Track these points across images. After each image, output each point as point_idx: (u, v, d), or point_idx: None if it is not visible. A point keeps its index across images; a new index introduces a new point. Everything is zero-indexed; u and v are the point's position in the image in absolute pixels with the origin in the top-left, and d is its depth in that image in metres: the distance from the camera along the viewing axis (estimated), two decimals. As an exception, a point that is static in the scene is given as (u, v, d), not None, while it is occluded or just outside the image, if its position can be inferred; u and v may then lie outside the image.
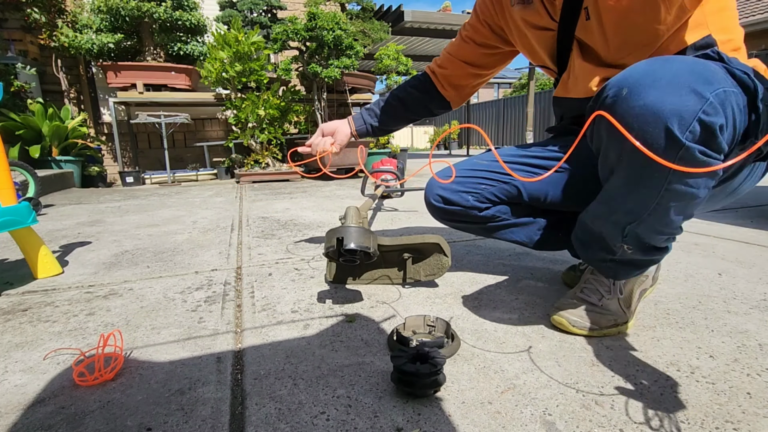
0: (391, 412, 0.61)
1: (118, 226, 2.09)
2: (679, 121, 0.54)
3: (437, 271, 1.11)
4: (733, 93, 0.57)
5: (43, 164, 3.96)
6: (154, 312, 1.00)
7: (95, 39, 4.11)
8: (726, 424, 0.57)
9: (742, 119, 0.59)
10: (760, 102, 0.59)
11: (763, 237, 1.58)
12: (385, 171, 2.22)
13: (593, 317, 0.83)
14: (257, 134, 4.23)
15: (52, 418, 0.61)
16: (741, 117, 0.59)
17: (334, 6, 5.39)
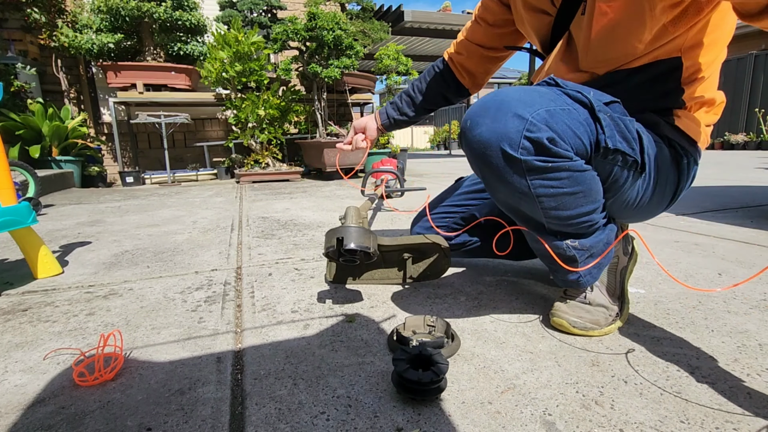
0: (391, 412, 0.61)
1: (118, 226, 2.09)
2: (510, 142, 0.65)
3: (437, 271, 1.11)
4: (560, 110, 0.66)
5: (43, 164, 3.96)
6: (154, 312, 1.00)
7: (95, 39, 4.11)
8: (726, 424, 0.57)
9: (584, 129, 0.68)
10: (599, 113, 0.68)
11: (763, 237, 1.58)
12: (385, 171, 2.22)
13: (591, 317, 0.83)
14: (257, 134, 4.23)
15: (52, 418, 0.61)
16: (582, 128, 0.68)
17: (334, 6, 5.39)
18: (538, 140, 0.63)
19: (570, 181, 0.69)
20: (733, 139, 9.04)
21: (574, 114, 0.67)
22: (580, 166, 0.69)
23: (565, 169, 0.67)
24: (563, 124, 0.65)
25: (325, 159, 4.20)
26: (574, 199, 0.72)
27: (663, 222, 1.87)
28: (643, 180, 0.78)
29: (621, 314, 0.85)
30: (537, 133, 0.63)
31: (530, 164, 0.65)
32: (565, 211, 0.74)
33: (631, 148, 0.72)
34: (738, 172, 4.23)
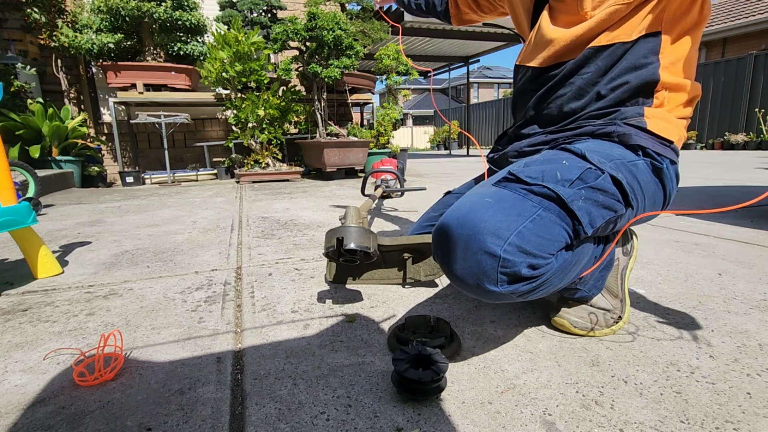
0: (391, 412, 0.61)
1: (118, 226, 2.09)
2: (488, 281, 0.61)
3: (437, 271, 1.11)
4: (530, 225, 0.61)
5: (43, 164, 3.96)
6: (154, 312, 1.00)
7: (95, 39, 4.11)
8: (726, 424, 0.57)
9: (560, 228, 0.63)
10: (571, 205, 0.63)
11: (763, 237, 1.58)
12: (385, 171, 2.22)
13: (593, 317, 0.83)
14: (257, 134, 4.23)
15: (52, 418, 0.61)
16: (558, 228, 0.63)
17: (334, 6, 5.39)
18: (515, 273, 0.60)
19: (557, 276, 0.66)
20: (733, 139, 9.04)
21: (545, 218, 0.62)
22: (563, 260, 0.65)
23: (551, 276, 0.64)
24: (537, 238, 0.60)
25: (325, 159, 4.20)
26: (566, 279, 0.70)
27: (663, 222, 1.87)
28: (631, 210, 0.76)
29: (623, 316, 0.85)
30: (513, 267, 0.59)
31: (514, 291, 0.62)
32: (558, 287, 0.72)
33: (614, 210, 0.69)
34: (738, 172, 4.23)
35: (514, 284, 0.61)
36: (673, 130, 0.79)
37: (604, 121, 0.80)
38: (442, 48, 8.75)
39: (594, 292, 0.85)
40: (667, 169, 0.79)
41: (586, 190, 0.66)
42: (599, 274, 0.84)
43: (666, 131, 0.78)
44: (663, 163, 0.78)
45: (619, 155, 0.75)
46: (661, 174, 0.79)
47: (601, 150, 0.74)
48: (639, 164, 0.76)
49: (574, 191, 0.65)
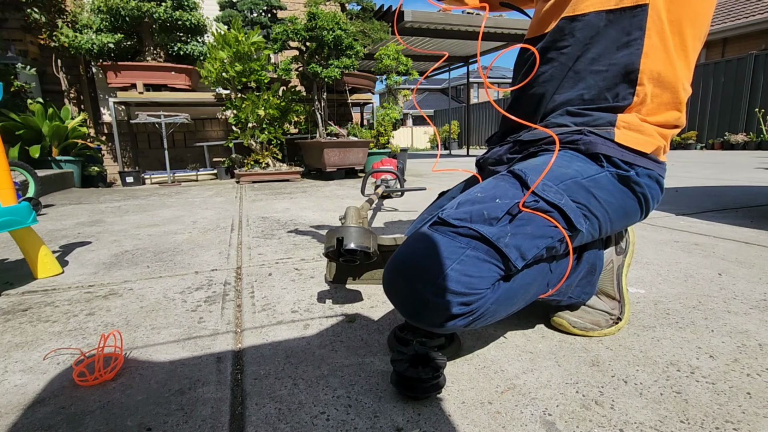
0: (391, 412, 0.61)
1: (118, 226, 2.09)
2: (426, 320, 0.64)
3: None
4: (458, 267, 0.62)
5: (43, 164, 3.96)
6: (154, 312, 1.00)
7: (95, 39, 4.11)
8: (726, 424, 0.57)
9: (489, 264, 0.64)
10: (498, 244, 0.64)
11: (763, 237, 1.58)
12: (385, 171, 2.22)
13: (592, 318, 0.83)
14: (257, 134, 4.23)
15: (52, 418, 0.61)
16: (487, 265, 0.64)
17: (334, 6, 5.39)
18: (447, 312, 0.62)
19: (500, 304, 0.66)
20: (733, 139, 9.04)
21: (472, 257, 0.64)
22: (502, 290, 0.66)
23: (489, 306, 0.65)
24: (465, 277, 0.62)
25: (325, 159, 4.20)
26: (515, 304, 0.70)
27: (663, 222, 1.87)
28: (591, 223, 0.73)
29: (622, 317, 0.85)
30: (445, 308, 0.62)
31: (453, 327, 0.64)
32: (516, 310, 0.72)
33: (549, 237, 0.68)
34: (738, 172, 4.23)
35: (451, 321, 0.63)
36: (647, 141, 0.73)
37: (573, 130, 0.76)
38: (442, 48, 8.75)
39: (584, 297, 0.83)
40: (637, 175, 0.74)
41: (512, 226, 0.66)
42: (585, 280, 0.82)
43: (638, 143, 0.73)
44: (630, 171, 0.73)
45: (575, 173, 0.71)
46: (629, 182, 0.74)
47: (554, 168, 0.71)
48: (600, 178, 0.73)
49: (499, 229, 0.65)
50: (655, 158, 0.76)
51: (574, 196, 0.69)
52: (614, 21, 0.72)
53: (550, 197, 0.67)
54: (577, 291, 0.82)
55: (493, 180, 0.75)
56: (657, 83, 0.72)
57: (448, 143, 15.86)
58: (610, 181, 0.73)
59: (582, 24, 0.74)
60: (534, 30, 0.85)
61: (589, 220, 0.71)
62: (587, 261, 0.81)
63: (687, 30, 0.70)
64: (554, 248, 0.69)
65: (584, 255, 0.81)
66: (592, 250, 0.82)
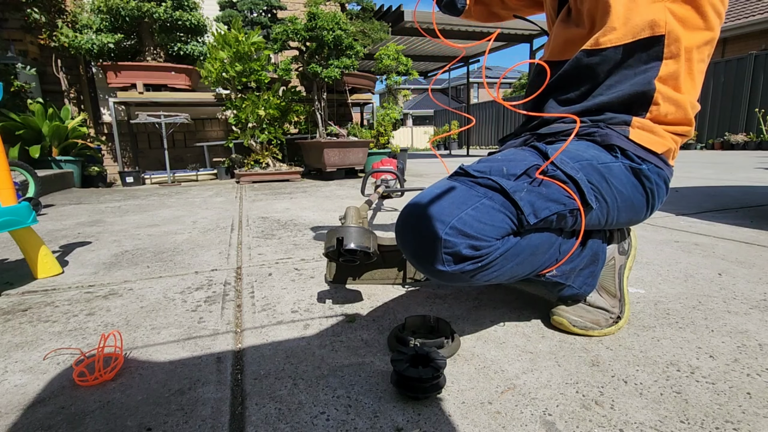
0: (391, 412, 0.61)
1: (118, 226, 2.09)
2: (435, 260, 0.67)
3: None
4: (472, 211, 0.67)
5: (43, 164, 3.96)
6: (154, 312, 1.00)
7: (95, 39, 4.11)
8: (726, 424, 0.57)
9: (503, 214, 0.68)
10: (513, 195, 0.68)
11: (763, 237, 1.58)
12: (385, 171, 2.22)
13: (592, 317, 0.83)
14: (257, 134, 4.23)
15: (52, 418, 0.61)
16: (500, 214, 0.68)
17: (334, 6, 5.38)
18: (457, 252, 0.66)
19: (507, 259, 0.70)
20: (733, 139, 9.04)
21: (488, 205, 0.68)
22: (511, 244, 0.69)
23: (497, 257, 0.68)
24: (478, 223, 0.66)
25: (325, 159, 4.20)
26: (522, 265, 0.73)
27: (663, 222, 1.87)
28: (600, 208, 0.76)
29: (622, 316, 0.85)
30: (454, 248, 0.65)
31: (462, 270, 0.67)
32: (521, 274, 0.75)
33: (561, 204, 0.71)
34: (738, 172, 4.23)
35: (459, 264, 0.67)
36: (658, 142, 0.78)
37: (590, 124, 0.80)
38: (442, 48, 8.75)
39: (586, 289, 0.85)
40: (649, 171, 0.78)
41: (529, 184, 0.71)
42: (587, 270, 0.84)
43: (650, 142, 0.77)
44: (642, 165, 0.77)
45: (591, 156, 0.76)
46: (640, 176, 0.78)
47: (571, 150, 0.76)
48: (613, 167, 0.76)
49: (516, 183, 0.70)
50: (665, 159, 0.81)
51: (588, 177, 0.74)
52: (632, 53, 0.76)
53: (568, 170, 0.72)
54: (579, 280, 0.83)
55: (514, 149, 0.80)
56: (671, 102, 0.77)
57: (448, 143, 15.86)
58: (622, 172, 0.77)
59: (600, 58, 0.78)
60: (553, 53, 0.88)
61: (599, 202, 0.76)
62: (591, 248, 0.84)
63: (695, 55, 0.76)
64: (565, 218, 0.73)
65: (588, 242, 0.84)
66: (596, 239, 0.86)
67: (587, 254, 0.84)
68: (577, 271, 0.83)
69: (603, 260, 0.87)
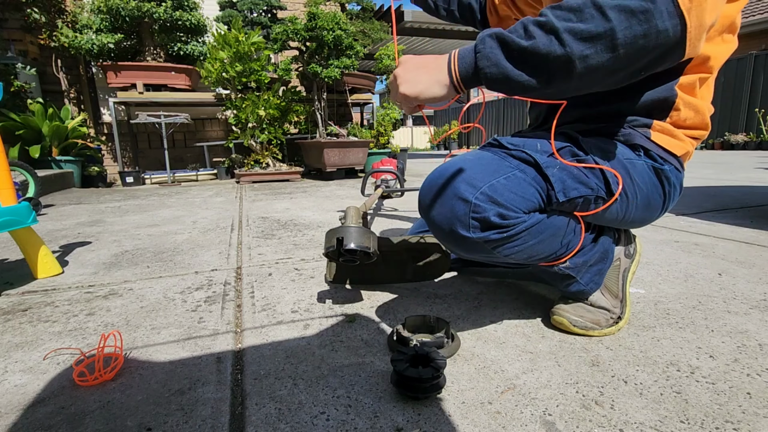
0: (391, 412, 0.61)
1: (118, 226, 2.09)
2: (461, 225, 0.67)
3: (437, 271, 1.11)
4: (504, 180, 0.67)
5: (43, 164, 3.96)
6: (154, 312, 1.00)
7: (95, 39, 4.10)
8: (726, 424, 0.57)
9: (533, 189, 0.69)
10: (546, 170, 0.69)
11: (763, 237, 1.58)
12: (385, 171, 2.22)
13: (592, 317, 0.83)
14: (257, 134, 4.23)
15: (52, 418, 0.61)
16: (531, 188, 0.69)
17: (334, 6, 5.38)
18: (485, 219, 0.65)
19: (531, 235, 0.70)
20: (733, 139, 9.03)
21: (520, 177, 0.68)
22: (536, 220, 0.70)
23: (522, 230, 0.68)
24: (509, 193, 0.66)
25: (325, 159, 4.20)
26: (542, 245, 0.74)
27: (663, 222, 1.87)
28: (621, 202, 0.77)
29: (623, 317, 0.85)
30: (483, 213, 0.65)
31: (486, 239, 0.67)
32: (539, 255, 0.76)
33: (590, 188, 0.72)
34: (738, 172, 4.23)
35: (485, 231, 0.66)
36: (678, 144, 0.80)
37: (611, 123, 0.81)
38: (442, 48, 8.74)
39: (592, 287, 0.85)
40: (670, 172, 0.80)
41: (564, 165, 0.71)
42: (596, 267, 0.84)
43: (671, 145, 0.79)
44: (664, 165, 0.79)
45: (617, 151, 0.77)
46: (661, 176, 0.79)
47: (598, 142, 0.77)
48: (637, 164, 0.78)
49: (550, 159, 0.71)
50: (681, 162, 0.82)
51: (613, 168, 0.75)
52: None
53: (597, 158, 0.74)
54: (587, 277, 0.84)
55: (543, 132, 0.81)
56: (691, 108, 0.78)
57: (447, 143, 15.86)
58: (645, 170, 0.79)
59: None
60: None
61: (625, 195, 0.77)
62: (602, 245, 0.85)
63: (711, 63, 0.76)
64: (589, 204, 0.74)
65: (600, 238, 0.85)
66: (607, 236, 0.87)
67: (598, 250, 0.84)
68: (587, 267, 0.83)
69: (611, 259, 0.88)
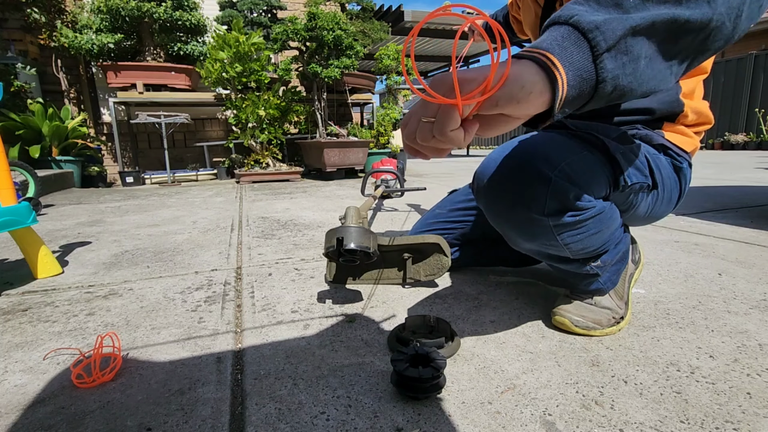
0: (391, 412, 0.61)
1: (118, 226, 2.09)
2: (536, 206, 0.62)
3: (437, 271, 1.11)
4: (578, 160, 0.64)
5: (43, 164, 3.96)
6: (154, 312, 1.00)
7: (95, 39, 4.10)
8: (726, 424, 0.57)
9: (602, 172, 0.67)
10: (614, 153, 0.67)
11: (763, 237, 1.58)
12: (385, 171, 2.22)
13: (594, 316, 0.83)
14: (257, 134, 4.23)
15: (52, 418, 0.61)
16: (601, 171, 0.67)
17: (334, 6, 5.38)
18: (563, 200, 0.62)
19: (594, 225, 0.69)
20: (733, 139, 9.03)
21: (590, 159, 0.66)
22: (602, 208, 0.69)
23: (591, 217, 0.67)
24: (584, 173, 0.63)
25: (325, 159, 4.20)
26: (598, 236, 0.73)
27: (663, 222, 1.87)
28: (653, 195, 0.80)
29: (624, 317, 0.85)
30: (562, 193, 0.61)
31: (558, 222, 0.64)
32: (590, 248, 0.75)
33: (644, 176, 0.74)
34: (738, 172, 4.23)
35: (559, 214, 0.63)
36: (688, 141, 0.84)
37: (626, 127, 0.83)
38: (442, 48, 8.75)
39: (608, 286, 0.86)
40: (686, 169, 0.83)
41: (625, 151, 0.71)
42: (615, 267, 0.85)
43: (682, 142, 0.83)
44: (683, 163, 0.82)
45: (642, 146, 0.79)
46: (679, 169, 0.83)
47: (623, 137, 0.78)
48: (661, 158, 0.80)
49: (615, 145, 0.69)
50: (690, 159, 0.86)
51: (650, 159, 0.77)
52: None
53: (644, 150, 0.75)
54: (606, 276, 0.84)
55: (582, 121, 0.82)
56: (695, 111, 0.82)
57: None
58: (668, 165, 0.81)
59: None
60: None
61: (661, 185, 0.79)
62: (624, 243, 0.85)
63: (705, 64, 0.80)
64: (640, 192, 0.75)
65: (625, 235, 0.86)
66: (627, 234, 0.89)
67: (621, 248, 0.84)
68: (610, 265, 0.84)
69: (627, 259, 0.89)
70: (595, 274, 0.83)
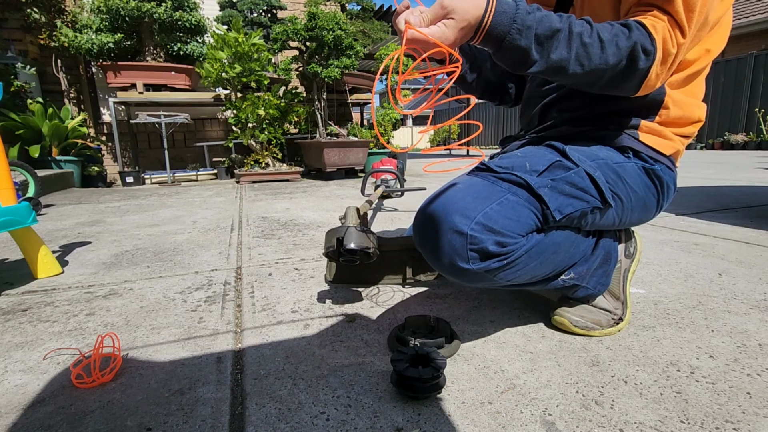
0: (391, 412, 0.61)
1: (118, 226, 2.09)
2: (459, 258, 0.65)
3: (437, 272, 1.11)
4: (497, 206, 0.66)
5: (43, 164, 3.96)
6: (154, 312, 1.00)
7: (95, 39, 4.10)
8: (726, 424, 0.57)
9: (528, 211, 0.68)
10: (538, 191, 0.68)
11: (763, 237, 1.58)
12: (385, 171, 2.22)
13: (593, 317, 0.83)
14: (257, 134, 4.23)
15: (52, 418, 0.61)
16: (526, 210, 0.67)
17: (334, 6, 5.38)
18: (484, 249, 0.64)
19: (531, 257, 0.69)
20: (733, 139, 9.03)
21: (513, 201, 0.67)
22: (535, 241, 0.69)
23: (522, 254, 0.67)
24: (504, 219, 0.65)
25: (325, 159, 4.20)
26: (546, 264, 0.73)
27: (663, 222, 1.87)
28: (616, 208, 0.77)
29: (624, 318, 0.85)
30: (480, 244, 0.63)
31: (487, 269, 0.66)
32: (541, 275, 0.75)
33: (585, 201, 0.72)
34: (738, 172, 4.23)
35: (485, 261, 0.65)
36: (667, 144, 0.80)
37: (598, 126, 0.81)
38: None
39: (599, 289, 0.85)
40: (661, 171, 0.80)
41: (555, 183, 0.70)
42: (600, 270, 0.84)
43: (659, 145, 0.79)
44: (655, 165, 0.79)
45: (605, 156, 0.77)
46: (652, 176, 0.80)
47: (586, 150, 0.77)
48: (627, 166, 0.78)
49: (541, 179, 0.70)
50: (673, 161, 0.82)
51: (605, 176, 0.75)
52: None
53: (587, 168, 0.73)
54: (593, 281, 0.84)
55: (532, 147, 0.80)
56: (680, 106, 0.78)
57: (447, 143, 15.87)
58: (635, 172, 0.79)
59: None
60: None
61: (616, 201, 0.77)
62: (603, 248, 0.85)
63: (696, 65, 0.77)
64: (586, 216, 0.74)
65: (600, 242, 0.85)
66: (607, 238, 0.86)
67: (600, 254, 0.84)
68: (592, 272, 0.83)
69: (615, 259, 0.88)
70: (573, 285, 0.82)
